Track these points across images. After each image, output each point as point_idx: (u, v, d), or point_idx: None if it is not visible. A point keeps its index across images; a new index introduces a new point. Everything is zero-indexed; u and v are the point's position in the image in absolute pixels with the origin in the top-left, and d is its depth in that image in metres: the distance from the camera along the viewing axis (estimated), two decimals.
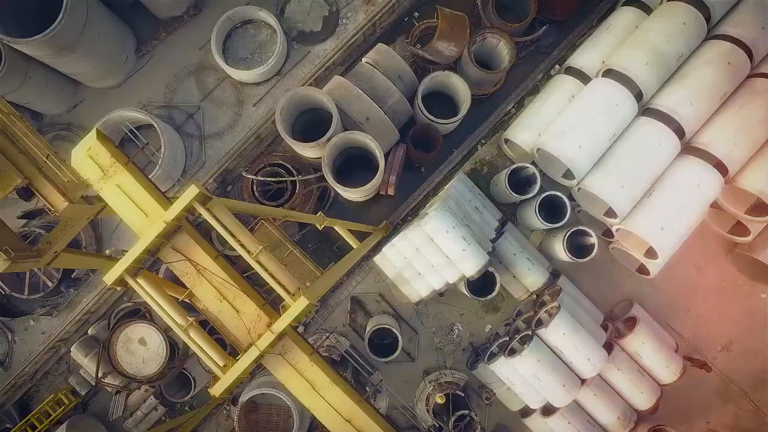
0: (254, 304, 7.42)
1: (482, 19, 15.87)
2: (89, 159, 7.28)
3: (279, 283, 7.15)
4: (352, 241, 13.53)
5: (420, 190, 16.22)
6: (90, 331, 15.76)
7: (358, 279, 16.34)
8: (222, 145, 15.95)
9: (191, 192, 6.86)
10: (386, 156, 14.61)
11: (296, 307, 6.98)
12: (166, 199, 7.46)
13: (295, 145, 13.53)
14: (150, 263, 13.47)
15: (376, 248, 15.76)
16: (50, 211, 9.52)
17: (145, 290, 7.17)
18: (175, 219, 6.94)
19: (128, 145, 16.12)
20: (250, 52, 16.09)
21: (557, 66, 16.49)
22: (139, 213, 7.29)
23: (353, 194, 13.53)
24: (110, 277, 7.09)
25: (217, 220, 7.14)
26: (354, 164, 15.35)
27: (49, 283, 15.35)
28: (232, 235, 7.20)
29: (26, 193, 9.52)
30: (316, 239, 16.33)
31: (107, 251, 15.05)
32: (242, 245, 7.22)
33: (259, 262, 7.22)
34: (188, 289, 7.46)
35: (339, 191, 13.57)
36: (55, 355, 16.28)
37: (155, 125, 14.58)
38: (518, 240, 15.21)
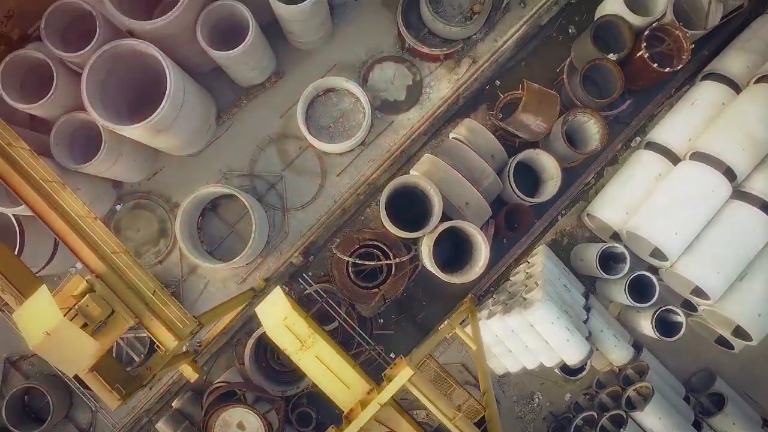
0: None
1: (566, 91, 15.90)
2: (286, 329, 7.22)
3: None
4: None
5: (502, 262, 16.31)
6: (174, 404, 15.66)
7: (441, 349, 16.45)
8: (305, 216, 15.84)
9: (405, 374, 6.87)
10: None
11: None
12: (363, 371, 7.44)
13: (397, 232, 13.50)
14: None
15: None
16: (159, 349, 9.21)
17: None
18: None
19: (208, 215, 15.98)
20: (333, 120, 15.94)
21: (637, 138, 16.63)
22: (338, 382, 7.27)
23: (456, 280, 13.58)
24: None
25: (421, 391, 7.17)
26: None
27: (136, 358, 15.21)
28: (433, 403, 7.24)
29: None
30: (399, 310, 16.38)
31: None
32: (442, 412, 7.27)
33: (457, 427, 7.29)
34: None
35: (442, 278, 13.59)
36: (137, 424, 16.17)
37: (246, 204, 14.41)
38: (603, 315, 15.41)
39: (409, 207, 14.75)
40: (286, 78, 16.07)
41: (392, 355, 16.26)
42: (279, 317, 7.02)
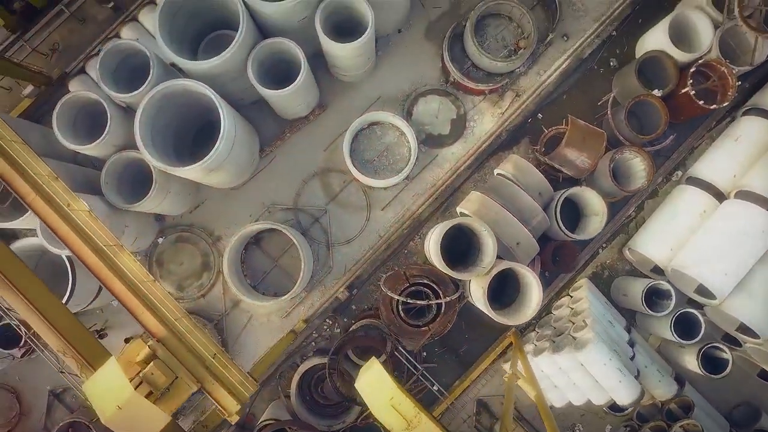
0: None
1: (610, 126, 15.91)
2: (392, 409, 7.22)
3: None
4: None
5: (544, 295, 16.32)
6: None
7: (483, 381, 16.50)
8: (350, 250, 15.81)
9: None
10: None
11: None
12: None
13: (450, 272, 13.49)
14: None
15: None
16: (222, 414, 8.98)
17: None
18: None
19: (251, 249, 15.93)
20: (377, 154, 15.90)
21: (678, 172, 16.69)
22: None
23: (509, 321, 13.58)
24: None
25: None
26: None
27: None
28: None
29: None
30: (442, 343, 16.40)
31: None
32: None
33: None
34: None
35: (496, 319, 13.60)
36: None
37: (295, 241, 14.36)
38: (646, 350, 15.49)
39: (453, 240, 14.75)
40: (330, 110, 16.02)
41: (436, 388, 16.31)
42: (385, 397, 7.02)
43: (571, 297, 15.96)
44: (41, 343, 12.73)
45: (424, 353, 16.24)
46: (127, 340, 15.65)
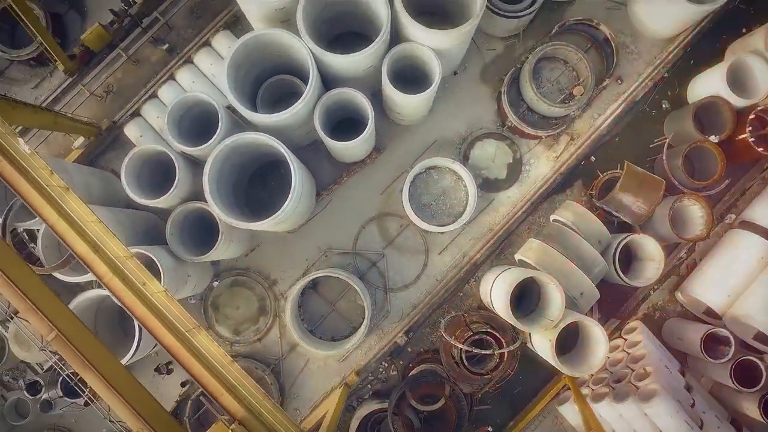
0: None
1: (664, 170, 15.96)
2: None
3: None
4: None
5: None
6: None
7: (536, 423, 16.58)
8: (407, 295, 15.84)
9: None
10: None
11: None
12: None
13: (516, 323, 13.55)
14: None
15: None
16: None
17: None
18: None
19: (308, 293, 15.91)
20: (434, 198, 15.90)
21: (731, 215, 16.78)
22: None
23: (575, 372, 13.67)
24: None
25: None
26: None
27: None
28: None
29: None
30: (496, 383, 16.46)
31: None
32: None
33: None
34: None
35: (562, 371, 13.68)
36: None
37: (358, 290, 14.38)
38: (703, 395, 15.59)
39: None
40: (386, 154, 16.04)
41: (489, 429, 16.43)
42: None
43: (625, 340, 16.03)
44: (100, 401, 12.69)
45: (479, 395, 16.28)
46: (183, 384, 15.70)
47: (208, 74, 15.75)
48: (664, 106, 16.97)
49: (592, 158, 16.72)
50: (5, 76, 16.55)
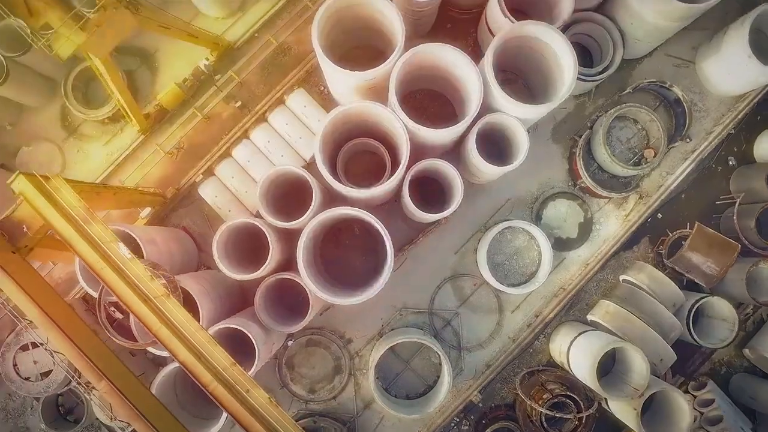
0: None
1: (734, 228, 16.14)
2: None
3: None
4: None
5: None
6: None
7: None
8: (481, 353, 15.99)
9: None
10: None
11: None
12: None
13: (600, 391, 13.76)
14: None
15: None
16: None
17: None
18: None
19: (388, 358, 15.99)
20: (507, 257, 16.04)
21: None
22: None
23: None
24: None
25: None
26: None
27: None
28: None
29: None
30: None
31: None
32: None
33: None
34: None
35: None
36: None
37: (440, 354, 14.54)
38: None
39: None
40: (460, 213, 16.03)
41: None
42: None
43: (695, 397, 16.28)
44: None
45: None
46: None
47: (284, 134, 15.75)
48: (730, 162, 17.17)
49: (659, 215, 16.89)
50: (78, 133, 16.47)
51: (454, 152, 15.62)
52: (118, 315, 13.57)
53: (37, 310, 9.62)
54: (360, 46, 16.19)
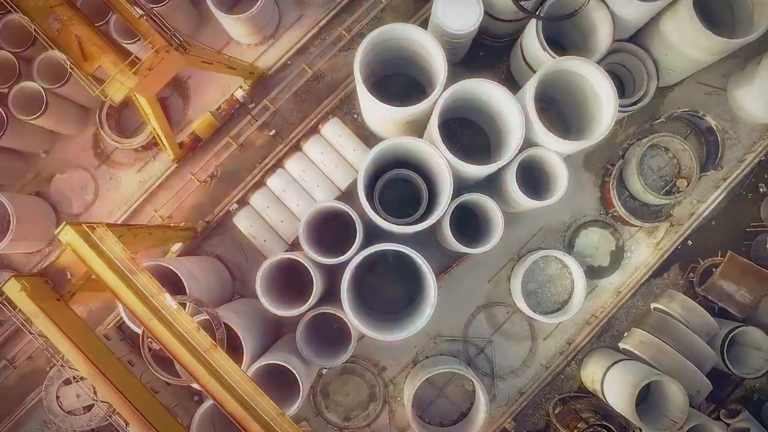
0: None
1: (765, 255, 16.26)
2: None
3: None
4: None
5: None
6: None
7: None
8: (514, 380, 16.09)
9: None
10: None
11: None
12: None
13: (637, 423, 13.85)
14: None
15: None
16: None
17: None
18: None
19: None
20: (540, 285, 16.13)
21: None
22: None
23: None
24: None
25: None
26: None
27: None
28: None
29: None
30: None
31: None
32: None
33: None
34: None
35: None
36: None
37: (475, 383, 14.59)
38: None
39: None
40: None
41: None
42: None
43: (728, 425, 16.35)
44: None
45: None
46: None
47: (319, 163, 15.76)
48: (761, 189, 17.22)
49: (689, 242, 16.96)
50: (110, 160, 16.48)
51: (486, 179, 15.68)
52: (155, 345, 13.64)
53: (83, 358, 9.71)
54: (393, 74, 16.24)
